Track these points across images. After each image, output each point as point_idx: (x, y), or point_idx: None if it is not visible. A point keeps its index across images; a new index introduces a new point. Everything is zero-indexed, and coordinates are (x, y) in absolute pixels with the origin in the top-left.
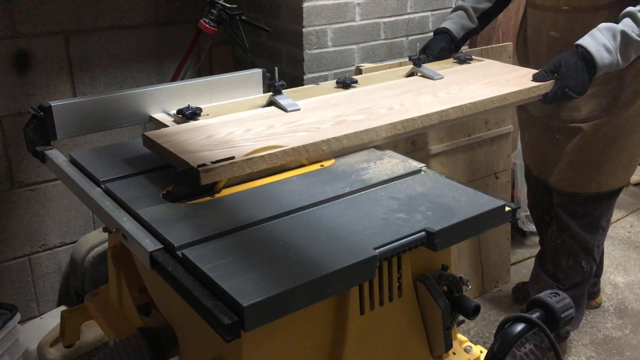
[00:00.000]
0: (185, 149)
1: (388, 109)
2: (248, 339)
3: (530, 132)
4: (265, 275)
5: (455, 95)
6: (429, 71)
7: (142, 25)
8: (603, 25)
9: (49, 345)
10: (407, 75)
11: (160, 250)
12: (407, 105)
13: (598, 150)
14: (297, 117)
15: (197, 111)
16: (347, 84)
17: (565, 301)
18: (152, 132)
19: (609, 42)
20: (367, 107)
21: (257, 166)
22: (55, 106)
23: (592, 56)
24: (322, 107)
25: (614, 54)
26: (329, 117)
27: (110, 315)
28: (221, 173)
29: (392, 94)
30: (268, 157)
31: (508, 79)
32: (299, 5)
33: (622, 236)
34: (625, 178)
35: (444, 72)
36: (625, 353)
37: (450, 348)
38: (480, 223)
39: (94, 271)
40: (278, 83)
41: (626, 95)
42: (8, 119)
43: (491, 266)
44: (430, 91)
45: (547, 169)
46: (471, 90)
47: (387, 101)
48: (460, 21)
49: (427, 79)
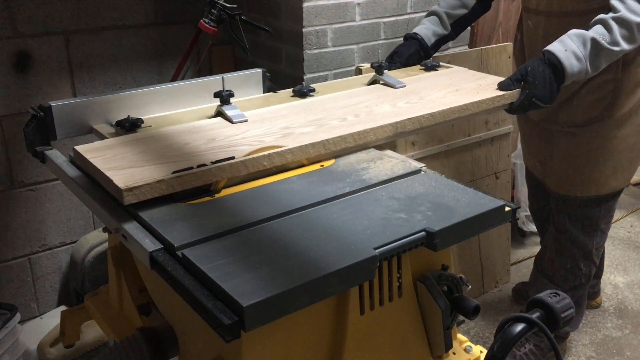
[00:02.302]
0: (112, 165)
1: (340, 120)
2: (248, 339)
3: (530, 135)
4: (265, 275)
5: (414, 105)
6: (391, 79)
7: (142, 25)
8: (573, 32)
9: (49, 345)
10: (369, 83)
11: (160, 250)
12: (361, 117)
13: (596, 153)
14: (243, 130)
15: (138, 122)
16: (304, 93)
17: (565, 301)
18: (82, 146)
19: (578, 50)
20: (319, 118)
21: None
22: (55, 106)
23: (561, 64)
24: (271, 118)
25: (583, 62)
26: (276, 129)
27: (110, 315)
28: (147, 193)
29: (349, 104)
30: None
31: (473, 87)
32: (299, 5)
33: (622, 236)
34: (625, 180)
35: (408, 80)
36: (625, 353)
37: (450, 348)
38: (480, 223)
39: (94, 271)
40: (225, 92)
41: (623, 99)
42: (8, 119)
43: (491, 266)
44: (389, 100)
45: (546, 172)
46: (431, 100)
47: (341, 112)
48: (432, 27)
49: (389, 88)
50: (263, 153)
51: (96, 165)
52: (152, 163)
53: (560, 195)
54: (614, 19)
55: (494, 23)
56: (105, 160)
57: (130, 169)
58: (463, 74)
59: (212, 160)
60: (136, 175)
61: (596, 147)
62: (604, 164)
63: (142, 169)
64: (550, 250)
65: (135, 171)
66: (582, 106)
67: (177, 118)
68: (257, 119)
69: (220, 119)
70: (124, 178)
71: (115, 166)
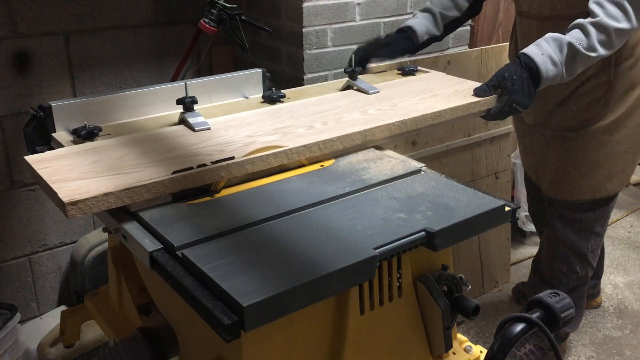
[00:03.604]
0: (60, 176)
1: (307, 129)
2: (248, 339)
3: (526, 139)
4: (265, 275)
5: (386, 112)
6: (365, 85)
7: (142, 25)
8: (550, 36)
9: (49, 345)
10: (342, 89)
11: (160, 250)
12: (329, 124)
13: (590, 157)
14: (204, 138)
15: (95, 131)
16: (274, 99)
17: (565, 301)
18: (32, 156)
19: (555, 54)
20: (285, 126)
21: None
22: (55, 106)
23: (537, 67)
24: (236, 125)
25: (559, 66)
26: (239, 137)
27: (110, 315)
28: (93, 207)
29: (318, 111)
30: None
31: (449, 92)
32: (299, 5)
33: (622, 236)
34: (621, 183)
35: (383, 85)
36: (625, 353)
37: (450, 348)
38: (480, 223)
39: (94, 271)
40: (188, 99)
41: (616, 102)
42: (8, 119)
43: (491, 266)
44: (360, 107)
45: (540, 175)
46: (404, 107)
47: (308, 119)
48: (427, 25)
49: (362, 94)
50: (220, 164)
51: (42, 177)
52: (103, 174)
53: (554, 199)
54: (592, 24)
55: (494, 23)
56: (54, 171)
57: (79, 181)
58: (440, 79)
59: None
60: (83, 188)
61: (590, 151)
62: (598, 168)
63: (91, 181)
64: (546, 253)
65: (84, 183)
66: (574, 110)
67: (139, 126)
68: (221, 126)
69: (182, 126)
70: (69, 191)
71: (63, 178)
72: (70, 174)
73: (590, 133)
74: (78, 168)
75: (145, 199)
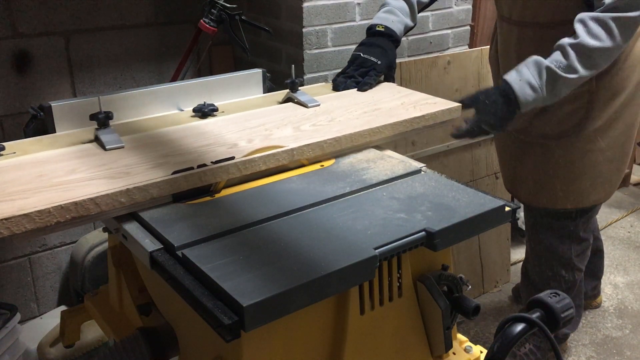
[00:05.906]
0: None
1: (229, 147)
2: (248, 339)
3: (503, 145)
4: (265, 275)
5: (320, 129)
6: (305, 97)
7: (142, 25)
8: (532, 60)
9: (49, 345)
10: (283, 101)
11: (160, 250)
12: (254, 142)
13: (572, 166)
14: (114, 158)
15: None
16: (205, 113)
17: (565, 301)
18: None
19: (533, 79)
20: (207, 144)
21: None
22: (55, 106)
23: (514, 93)
24: (153, 144)
25: (538, 91)
26: (151, 157)
27: (110, 315)
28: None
29: (248, 127)
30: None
31: (394, 106)
32: (299, 5)
33: (622, 236)
34: (607, 193)
35: (327, 97)
36: (625, 353)
37: (450, 348)
38: (480, 223)
39: (94, 271)
40: (102, 114)
41: (598, 111)
42: (8, 119)
43: (491, 266)
44: (295, 122)
45: (518, 184)
46: (342, 122)
47: (235, 136)
48: (404, 20)
49: (301, 107)
50: (121, 189)
51: None
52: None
53: (533, 207)
54: (571, 46)
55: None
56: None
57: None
58: (388, 91)
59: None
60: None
61: (572, 160)
62: (581, 178)
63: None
64: (532, 259)
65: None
66: (556, 118)
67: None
68: (137, 144)
69: (95, 144)
70: None
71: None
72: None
73: (571, 142)
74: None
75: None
